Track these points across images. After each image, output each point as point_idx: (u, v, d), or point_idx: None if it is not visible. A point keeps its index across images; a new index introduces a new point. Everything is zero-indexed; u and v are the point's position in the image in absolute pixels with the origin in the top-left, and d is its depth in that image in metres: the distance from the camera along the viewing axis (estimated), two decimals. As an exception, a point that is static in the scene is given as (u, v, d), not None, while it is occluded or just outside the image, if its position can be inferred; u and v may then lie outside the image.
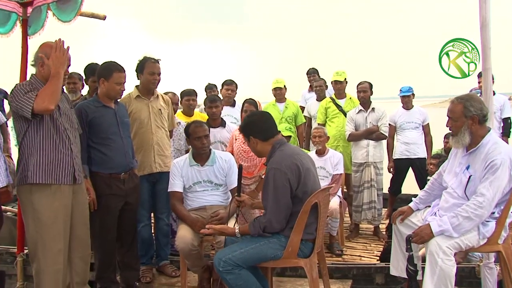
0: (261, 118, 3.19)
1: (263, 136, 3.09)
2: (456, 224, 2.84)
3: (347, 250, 5.09)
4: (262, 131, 3.09)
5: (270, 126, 3.15)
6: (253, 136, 3.10)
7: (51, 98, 2.87)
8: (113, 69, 3.55)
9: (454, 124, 3.03)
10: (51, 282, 3.01)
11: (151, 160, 4.06)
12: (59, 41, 3.00)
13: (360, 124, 5.41)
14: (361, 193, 5.39)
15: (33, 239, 3.01)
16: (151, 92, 4.11)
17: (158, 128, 4.11)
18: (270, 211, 2.92)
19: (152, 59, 4.03)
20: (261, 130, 3.09)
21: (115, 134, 3.58)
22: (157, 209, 4.26)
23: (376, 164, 5.36)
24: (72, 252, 3.18)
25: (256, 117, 3.24)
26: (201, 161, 3.86)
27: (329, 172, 5.12)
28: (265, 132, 3.09)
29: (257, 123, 3.14)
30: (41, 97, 2.85)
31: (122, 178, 3.61)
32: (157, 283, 4.09)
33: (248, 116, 3.36)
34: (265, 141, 3.09)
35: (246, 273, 2.92)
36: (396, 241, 3.40)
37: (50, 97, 2.87)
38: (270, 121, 3.17)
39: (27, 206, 2.97)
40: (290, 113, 6.03)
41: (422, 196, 3.41)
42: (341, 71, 5.79)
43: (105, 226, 3.59)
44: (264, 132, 3.09)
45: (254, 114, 3.35)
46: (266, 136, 3.09)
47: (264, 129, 3.10)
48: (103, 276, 3.66)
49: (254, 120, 3.18)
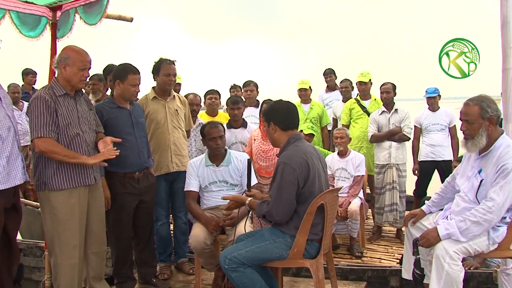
0: (287, 107, 3.16)
1: (284, 125, 3.09)
2: (464, 229, 2.78)
3: (367, 252, 5.04)
4: (284, 120, 3.10)
5: (293, 118, 3.15)
6: (274, 123, 3.11)
7: (52, 153, 3.00)
8: (128, 71, 3.65)
9: (470, 127, 2.92)
10: (67, 276, 3.15)
11: (168, 159, 4.14)
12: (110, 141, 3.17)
13: (383, 125, 5.34)
14: (383, 195, 5.32)
15: (50, 235, 3.14)
16: (167, 93, 4.20)
17: (174, 128, 4.19)
18: (272, 202, 2.94)
19: (168, 60, 4.11)
20: (283, 119, 3.10)
21: (130, 134, 3.67)
22: (175, 207, 4.34)
23: (399, 166, 5.27)
24: (88, 248, 3.30)
25: (282, 105, 3.20)
26: (217, 161, 3.92)
27: (350, 174, 5.08)
28: (286, 122, 3.10)
29: (281, 110, 3.13)
30: (48, 144, 2.97)
31: (137, 177, 3.70)
32: (174, 280, 4.17)
33: (275, 102, 3.32)
34: (284, 131, 3.09)
35: (251, 272, 2.94)
36: (408, 244, 3.35)
37: (52, 153, 3.00)
38: (294, 113, 3.17)
39: (45, 203, 3.10)
40: (315, 114, 6.03)
41: (435, 199, 3.35)
42: (366, 72, 5.74)
43: (120, 224, 3.70)
44: (285, 121, 3.10)
45: (281, 101, 3.30)
46: (286, 126, 3.09)
47: (287, 118, 3.11)
48: (119, 272, 3.77)
49: (279, 107, 3.16)
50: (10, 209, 3.01)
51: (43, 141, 2.97)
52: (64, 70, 3.15)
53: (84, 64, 3.20)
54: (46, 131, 2.97)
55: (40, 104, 2.99)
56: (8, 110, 2.96)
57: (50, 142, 2.98)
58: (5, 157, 2.86)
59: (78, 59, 3.18)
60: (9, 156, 2.89)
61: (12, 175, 2.91)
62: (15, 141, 2.96)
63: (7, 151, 2.88)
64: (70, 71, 3.14)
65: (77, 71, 3.17)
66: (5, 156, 2.86)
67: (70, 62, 3.15)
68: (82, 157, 3.06)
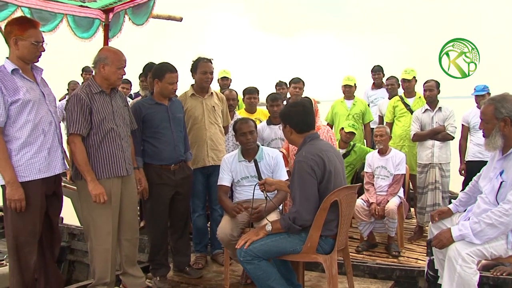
0: (302, 110, 3.22)
1: (299, 129, 3.17)
2: (478, 231, 2.72)
3: (405, 252, 4.99)
4: (299, 123, 3.17)
5: (308, 120, 3.20)
6: (290, 126, 3.19)
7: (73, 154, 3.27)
8: (166, 70, 3.84)
9: (485, 127, 2.89)
10: (101, 259, 3.41)
11: (204, 154, 4.31)
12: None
13: (426, 124, 5.23)
14: (425, 194, 5.22)
15: (86, 221, 3.42)
16: (205, 90, 4.36)
17: (211, 124, 4.35)
18: (298, 202, 2.98)
19: (205, 58, 4.27)
20: (298, 122, 3.17)
21: (166, 129, 3.87)
22: (211, 200, 4.50)
23: (442, 166, 5.15)
24: (122, 235, 3.54)
25: (297, 108, 3.26)
26: (249, 157, 4.03)
27: (390, 172, 5.04)
28: (301, 125, 3.17)
29: (296, 114, 3.19)
30: (75, 146, 3.24)
31: (173, 169, 3.91)
32: (207, 270, 4.34)
33: (291, 106, 3.40)
34: (299, 133, 3.17)
35: (266, 264, 3.04)
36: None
37: (73, 154, 3.27)
38: (309, 115, 3.22)
39: (82, 191, 3.36)
40: (357, 111, 6.01)
41: (462, 198, 3.30)
42: (410, 69, 5.62)
43: (156, 213, 3.92)
44: (300, 124, 3.17)
45: (297, 104, 3.33)
46: (301, 129, 3.17)
47: (302, 122, 3.17)
48: (154, 258, 4.00)
49: (295, 111, 3.22)
50: (52, 196, 3.30)
51: (72, 139, 3.25)
52: (103, 69, 3.39)
53: (121, 63, 3.43)
54: (77, 128, 3.23)
55: (75, 102, 3.26)
56: (50, 106, 3.24)
57: (79, 146, 3.25)
58: (47, 148, 3.15)
59: (116, 58, 3.41)
60: (50, 148, 3.17)
61: (53, 165, 3.20)
62: (56, 134, 3.24)
63: (48, 143, 3.16)
64: (108, 70, 3.38)
65: (115, 69, 3.40)
66: (46, 148, 3.15)
67: (109, 62, 3.38)
68: (91, 176, 3.25)
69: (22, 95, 3.02)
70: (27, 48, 3.08)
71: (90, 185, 3.25)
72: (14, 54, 3.09)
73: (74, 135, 3.25)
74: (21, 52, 3.08)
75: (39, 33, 3.17)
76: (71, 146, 3.28)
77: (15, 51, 3.08)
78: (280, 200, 3.83)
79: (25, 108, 3.03)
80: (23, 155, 3.05)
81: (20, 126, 3.04)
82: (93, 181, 3.26)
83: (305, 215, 2.96)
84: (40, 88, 3.19)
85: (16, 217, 3.05)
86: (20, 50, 3.07)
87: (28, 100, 3.04)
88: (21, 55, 3.08)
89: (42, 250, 3.31)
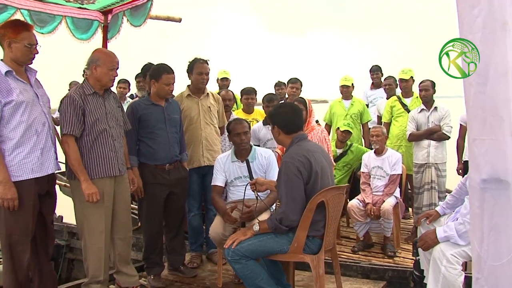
0: (290, 111, 3.24)
1: (287, 129, 3.18)
2: (463, 232, 2.73)
3: (401, 252, 4.99)
4: (287, 124, 3.18)
5: (296, 121, 3.21)
6: (278, 126, 3.21)
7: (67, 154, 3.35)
8: (163, 71, 3.89)
9: None
10: (94, 258, 3.46)
11: (200, 154, 4.35)
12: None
13: (422, 123, 5.24)
14: (421, 194, 5.24)
15: (80, 220, 3.47)
16: (201, 91, 4.40)
17: (207, 124, 4.39)
18: (285, 203, 3.00)
19: (201, 59, 4.31)
20: (286, 124, 3.18)
21: (161, 130, 3.92)
22: (206, 200, 4.54)
23: (438, 166, 5.16)
24: (115, 233, 3.58)
25: (285, 109, 3.28)
26: (242, 157, 4.06)
27: (386, 172, 5.05)
28: (289, 126, 3.18)
29: (284, 115, 3.21)
30: (68, 147, 3.30)
31: (167, 169, 3.96)
32: (202, 269, 4.38)
33: (280, 106, 3.42)
34: (287, 134, 3.19)
35: (253, 264, 3.07)
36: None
37: (66, 154, 3.35)
38: (297, 117, 3.24)
39: (75, 190, 3.42)
40: (355, 111, 6.03)
41: (449, 200, 3.30)
42: (407, 69, 5.64)
43: (151, 212, 3.97)
44: (288, 126, 3.18)
45: (285, 105, 3.36)
46: (289, 130, 3.18)
47: (290, 123, 3.18)
48: (149, 257, 4.04)
49: (283, 112, 3.24)
50: (45, 195, 3.36)
51: (65, 140, 3.31)
52: (95, 70, 3.44)
53: (113, 65, 3.48)
54: (70, 128, 3.29)
55: (68, 103, 3.32)
56: (44, 107, 3.30)
57: (72, 146, 3.31)
58: (40, 149, 3.20)
59: (107, 60, 3.46)
60: (43, 148, 3.22)
61: (45, 165, 3.25)
62: (49, 135, 3.29)
63: (41, 143, 3.22)
64: (100, 71, 3.43)
65: (107, 71, 3.44)
66: (39, 148, 3.20)
67: (101, 63, 3.43)
68: (84, 176, 3.31)
69: (16, 96, 3.07)
70: (20, 50, 3.13)
71: (83, 184, 3.30)
72: (7, 56, 3.14)
73: (67, 135, 3.31)
74: (15, 54, 3.13)
75: (32, 36, 3.22)
76: (64, 146, 3.35)
77: (9, 53, 3.13)
78: (272, 200, 3.85)
79: (19, 109, 3.09)
80: (16, 155, 3.10)
81: (13, 127, 3.09)
82: (86, 181, 3.31)
83: (292, 216, 2.98)
84: (33, 90, 3.23)
85: (9, 216, 3.10)
86: (14, 53, 3.13)
87: (21, 102, 3.09)
88: (15, 57, 3.14)
89: (36, 248, 3.36)
